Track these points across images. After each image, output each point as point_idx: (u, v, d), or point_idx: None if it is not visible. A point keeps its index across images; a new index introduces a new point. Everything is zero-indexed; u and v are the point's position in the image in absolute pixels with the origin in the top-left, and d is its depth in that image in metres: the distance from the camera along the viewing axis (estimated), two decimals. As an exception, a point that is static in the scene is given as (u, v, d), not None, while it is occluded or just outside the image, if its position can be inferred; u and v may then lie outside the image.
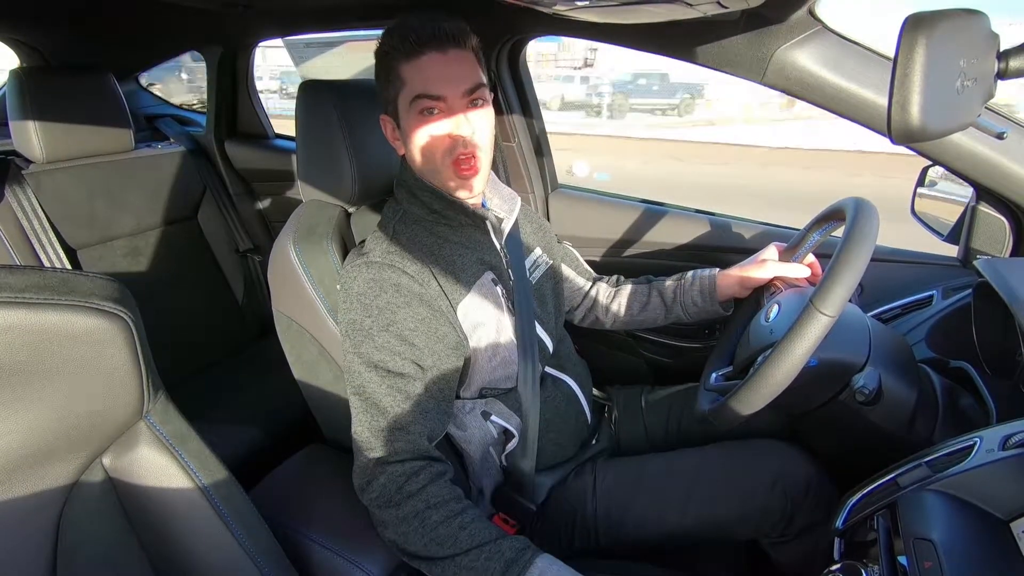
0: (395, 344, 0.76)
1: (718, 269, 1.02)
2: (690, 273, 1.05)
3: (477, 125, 0.79)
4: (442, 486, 0.74)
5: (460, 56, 0.78)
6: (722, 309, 1.01)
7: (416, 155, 0.82)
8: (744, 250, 1.11)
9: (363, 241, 0.88)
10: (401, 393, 0.75)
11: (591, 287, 1.13)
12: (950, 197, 1.07)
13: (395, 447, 0.74)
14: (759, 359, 0.78)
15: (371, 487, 0.74)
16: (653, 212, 1.39)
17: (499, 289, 0.87)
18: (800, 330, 0.65)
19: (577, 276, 1.12)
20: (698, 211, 1.39)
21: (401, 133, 0.82)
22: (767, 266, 0.95)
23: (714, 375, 0.89)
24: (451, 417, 0.84)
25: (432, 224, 0.86)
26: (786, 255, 0.97)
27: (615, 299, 1.11)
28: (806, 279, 0.93)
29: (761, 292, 0.96)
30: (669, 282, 1.07)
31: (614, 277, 1.15)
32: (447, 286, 0.81)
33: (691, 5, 0.69)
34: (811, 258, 0.95)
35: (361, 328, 0.77)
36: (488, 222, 0.88)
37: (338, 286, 0.83)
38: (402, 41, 0.76)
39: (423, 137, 0.79)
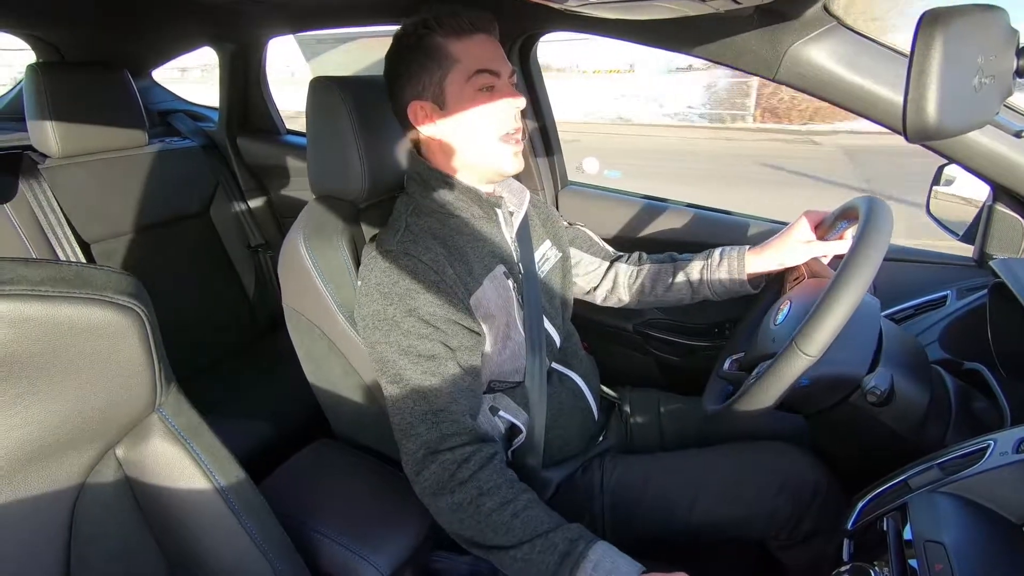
0: (421, 327, 0.76)
1: (747, 246, 1.00)
2: (717, 251, 1.02)
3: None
4: (494, 470, 0.74)
5: (498, 41, 0.83)
6: (751, 288, 0.99)
7: (468, 133, 0.83)
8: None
9: (375, 235, 0.88)
10: (437, 375, 0.76)
11: (610, 267, 1.12)
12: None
13: (442, 431, 0.74)
14: (755, 371, 0.79)
15: (422, 476, 0.74)
16: (664, 210, 1.38)
17: (510, 282, 0.87)
18: (779, 367, 0.67)
19: (593, 257, 1.11)
20: (710, 209, 1.38)
21: (446, 114, 0.82)
22: (803, 249, 0.92)
23: (728, 360, 0.89)
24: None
25: (444, 216, 0.87)
26: (818, 231, 0.94)
27: (638, 279, 1.09)
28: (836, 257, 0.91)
29: (788, 274, 0.95)
30: (695, 261, 1.04)
31: (636, 254, 1.12)
32: (460, 277, 0.82)
33: (703, 1, 0.68)
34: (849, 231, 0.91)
35: (385, 317, 0.77)
36: (500, 214, 0.89)
37: (358, 282, 0.83)
38: (453, 20, 0.78)
39: (483, 111, 0.81)
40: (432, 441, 0.74)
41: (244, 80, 1.85)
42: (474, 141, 0.83)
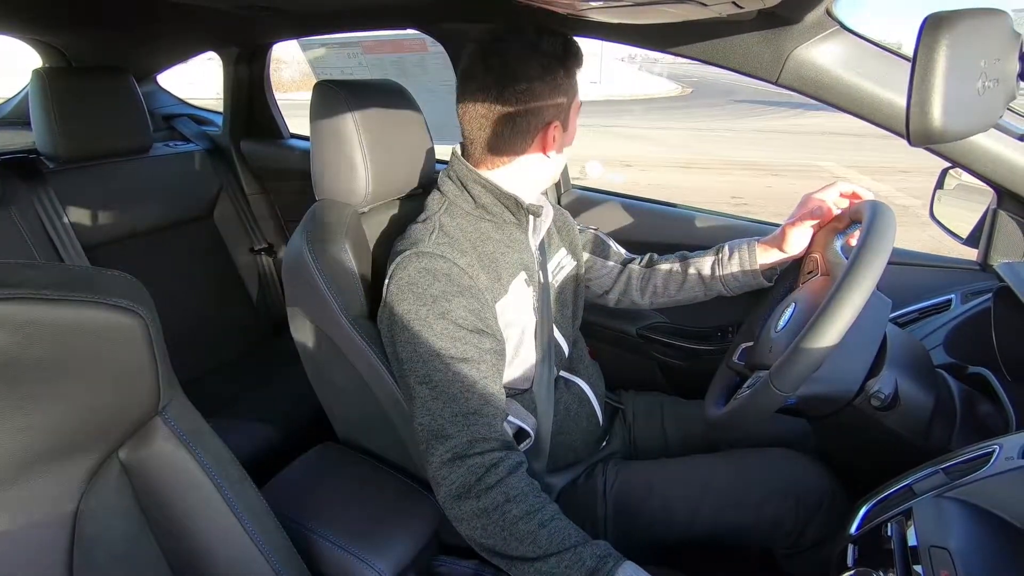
0: (453, 331, 0.76)
1: (757, 239, 0.99)
2: (727, 246, 1.01)
3: None
4: (521, 478, 0.73)
5: None
6: (765, 280, 0.98)
7: (561, 151, 0.90)
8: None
9: (404, 232, 0.87)
10: (468, 378, 0.75)
11: (622, 270, 1.11)
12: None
13: (473, 433, 0.73)
14: (750, 380, 0.79)
15: (448, 479, 0.73)
16: (667, 213, 1.38)
17: (530, 290, 0.88)
18: (755, 399, 0.69)
19: (606, 260, 1.10)
20: (713, 212, 1.38)
21: (562, 135, 0.87)
22: (806, 238, 0.92)
23: (740, 349, 0.89)
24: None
25: (476, 219, 0.87)
26: (835, 223, 0.90)
27: (650, 280, 1.08)
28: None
29: (802, 264, 0.94)
30: (706, 258, 1.03)
31: (647, 256, 1.11)
32: (489, 283, 0.82)
33: (705, 5, 0.68)
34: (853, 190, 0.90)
35: (417, 317, 0.76)
36: (532, 222, 0.90)
37: (387, 280, 0.82)
38: (575, 54, 0.86)
39: (573, 134, 0.91)
40: (462, 444, 0.72)
41: (248, 84, 1.86)
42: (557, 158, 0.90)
